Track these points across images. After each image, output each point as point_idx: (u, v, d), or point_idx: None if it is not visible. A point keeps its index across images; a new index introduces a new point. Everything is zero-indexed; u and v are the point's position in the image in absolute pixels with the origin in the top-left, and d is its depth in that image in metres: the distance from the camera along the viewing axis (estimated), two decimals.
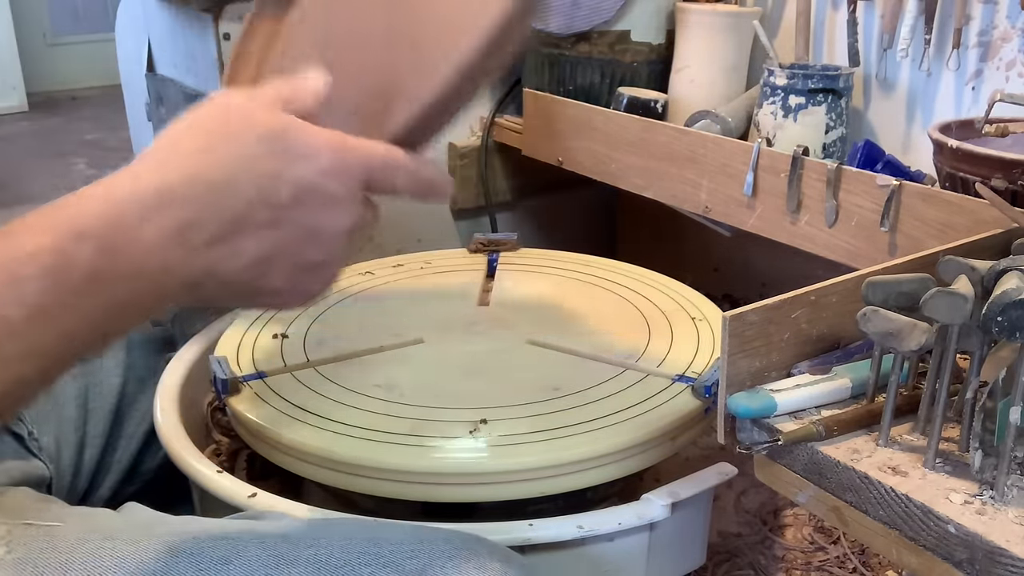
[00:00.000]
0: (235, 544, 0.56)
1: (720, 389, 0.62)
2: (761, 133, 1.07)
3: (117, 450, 0.86)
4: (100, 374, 0.85)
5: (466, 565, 0.57)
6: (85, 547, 0.56)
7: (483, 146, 1.44)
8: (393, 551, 0.57)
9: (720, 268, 1.56)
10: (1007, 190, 0.79)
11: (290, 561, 0.55)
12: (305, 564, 0.55)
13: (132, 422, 0.87)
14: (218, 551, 0.56)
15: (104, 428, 0.84)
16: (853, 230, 0.94)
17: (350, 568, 0.55)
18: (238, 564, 0.55)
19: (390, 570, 0.56)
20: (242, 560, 0.55)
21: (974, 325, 0.54)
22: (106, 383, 0.85)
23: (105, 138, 3.78)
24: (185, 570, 0.54)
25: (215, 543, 0.56)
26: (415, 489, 0.73)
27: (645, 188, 1.17)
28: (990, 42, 1.03)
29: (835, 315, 0.65)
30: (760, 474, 0.63)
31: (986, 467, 0.54)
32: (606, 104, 1.25)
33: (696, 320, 0.97)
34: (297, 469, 0.77)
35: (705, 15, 1.21)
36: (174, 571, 0.54)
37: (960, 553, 0.51)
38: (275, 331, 0.95)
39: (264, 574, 0.54)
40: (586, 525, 0.69)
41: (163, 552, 0.55)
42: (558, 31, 1.27)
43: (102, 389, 0.84)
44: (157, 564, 0.55)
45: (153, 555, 0.55)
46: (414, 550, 0.57)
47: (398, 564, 0.56)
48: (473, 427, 0.77)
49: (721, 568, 1.03)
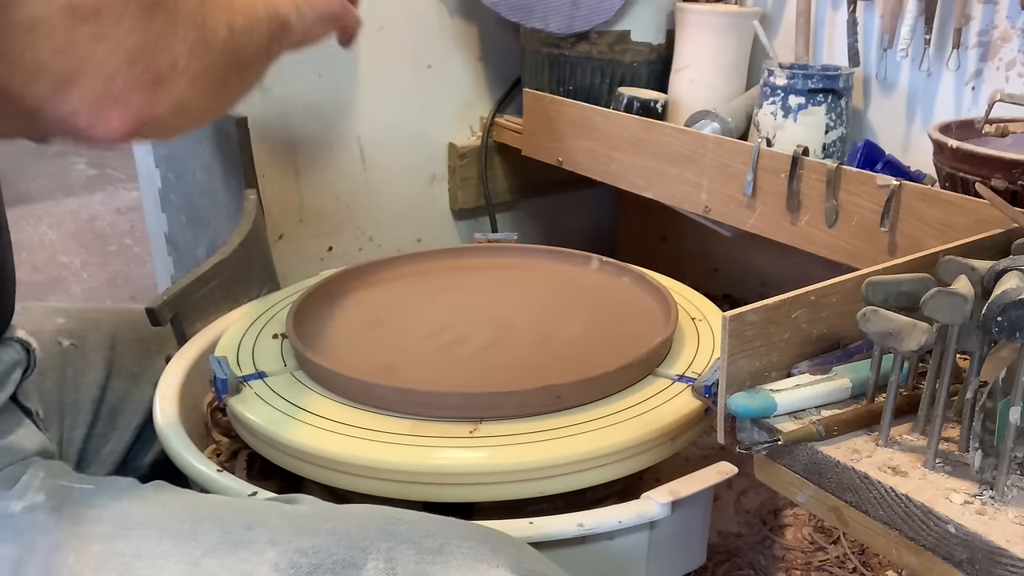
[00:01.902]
0: (258, 514, 0.60)
1: (720, 389, 0.62)
2: (761, 133, 1.07)
3: (110, 442, 0.87)
4: (81, 366, 0.86)
5: (481, 547, 0.58)
6: (116, 504, 0.60)
7: (483, 146, 1.44)
8: (410, 530, 0.59)
9: (720, 268, 1.56)
10: (1007, 190, 0.79)
11: (311, 532, 0.58)
12: (325, 535, 0.58)
13: (124, 415, 0.88)
14: (242, 518, 0.59)
15: (86, 418, 0.85)
16: (853, 230, 0.94)
17: (368, 541, 0.58)
18: (261, 530, 0.58)
19: (408, 546, 0.58)
20: (265, 527, 0.58)
21: (974, 325, 0.54)
22: (88, 375, 0.86)
23: None
24: (210, 530, 0.58)
25: (239, 512, 0.60)
26: (415, 489, 0.73)
27: (645, 188, 1.17)
28: (990, 42, 1.03)
29: (835, 315, 0.65)
30: (760, 474, 0.64)
31: (986, 467, 0.54)
32: (606, 104, 1.25)
33: (696, 320, 0.97)
34: (297, 469, 0.77)
35: (705, 15, 1.21)
36: (200, 531, 0.57)
37: (960, 553, 0.51)
38: (275, 331, 0.95)
39: (286, 540, 0.57)
40: (586, 523, 0.69)
41: (189, 515, 0.59)
42: (558, 31, 1.27)
43: (84, 380, 0.85)
44: (184, 524, 0.58)
45: (180, 516, 0.59)
46: (430, 530, 0.59)
47: (416, 542, 0.58)
48: (473, 427, 0.77)
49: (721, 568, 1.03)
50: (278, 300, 1.02)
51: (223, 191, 1.25)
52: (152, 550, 0.56)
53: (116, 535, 0.57)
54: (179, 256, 1.48)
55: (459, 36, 1.40)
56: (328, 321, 0.96)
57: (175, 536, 0.57)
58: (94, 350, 0.88)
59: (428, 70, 1.39)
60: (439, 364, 0.87)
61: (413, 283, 1.06)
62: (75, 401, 0.85)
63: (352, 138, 1.35)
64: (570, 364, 0.85)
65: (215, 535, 0.57)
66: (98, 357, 0.87)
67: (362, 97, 1.34)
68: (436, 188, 1.46)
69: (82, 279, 2.31)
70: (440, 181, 1.46)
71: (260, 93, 1.24)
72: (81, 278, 2.32)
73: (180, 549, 0.56)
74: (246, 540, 0.57)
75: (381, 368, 0.86)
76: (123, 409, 0.88)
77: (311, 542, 0.57)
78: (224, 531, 0.58)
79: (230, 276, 1.03)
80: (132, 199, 2.88)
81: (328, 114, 1.31)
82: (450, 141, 1.45)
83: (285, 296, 1.03)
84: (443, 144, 1.44)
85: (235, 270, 1.04)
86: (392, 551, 0.57)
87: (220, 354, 0.89)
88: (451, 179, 1.46)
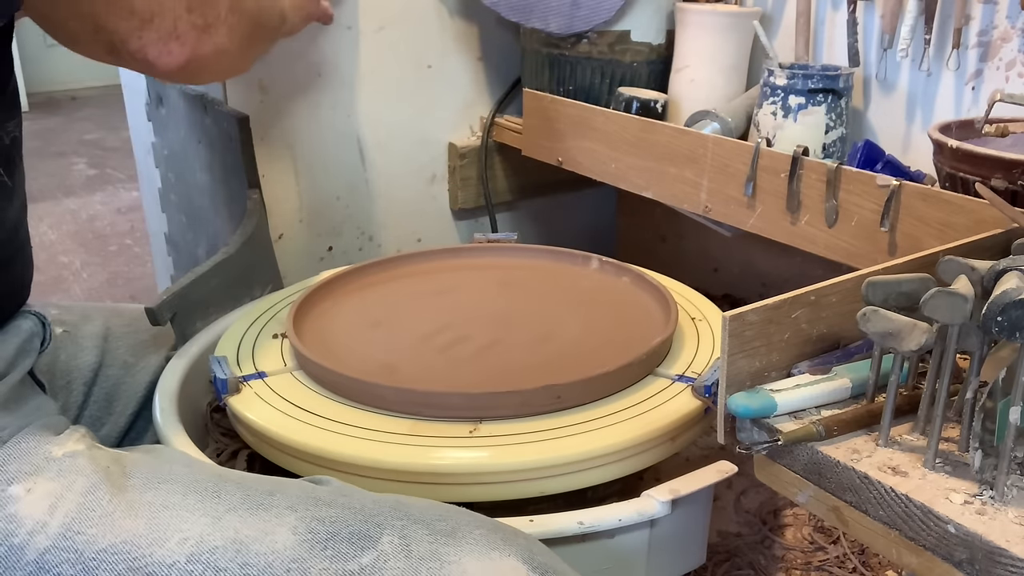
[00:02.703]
0: (278, 483, 0.64)
1: (720, 389, 0.62)
2: (761, 133, 1.07)
3: (105, 426, 0.88)
4: (73, 350, 0.88)
5: (493, 535, 0.61)
6: (146, 461, 0.65)
7: (483, 146, 1.44)
8: (423, 513, 0.62)
9: (720, 268, 1.56)
10: (1007, 190, 0.79)
11: (327, 503, 0.62)
12: (341, 507, 0.61)
13: (119, 402, 0.89)
14: (263, 485, 0.63)
15: (79, 400, 0.87)
16: (853, 230, 0.94)
17: (383, 517, 0.61)
18: (281, 496, 0.62)
19: (421, 526, 0.61)
20: (285, 495, 0.62)
21: (974, 325, 0.54)
22: (80, 358, 0.88)
23: (105, 138, 3.78)
24: (233, 491, 0.62)
25: (259, 480, 0.65)
26: (415, 489, 0.73)
27: (645, 188, 1.17)
28: (990, 42, 1.03)
29: (835, 315, 0.65)
30: (760, 474, 0.64)
31: (986, 467, 0.54)
32: (606, 104, 1.25)
33: (696, 320, 0.97)
34: (297, 469, 0.77)
35: (705, 15, 1.21)
36: (223, 491, 0.62)
37: (960, 553, 0.51)
38: (275, 331, 0.95)
39: (304, 508, 0.61)
40: (587, 521, 0.69)
41: (214, 476, 0.64)
42: (558, 31, 1.27)
43: (77, 363, 0.87)
44: (208, 483, 0.62)
45: (205, 477, 0.63)
46: (442, 515, 0.63)
47: (429, 523, 0.61)
48: (473, 427, 0.77)
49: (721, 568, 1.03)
50: (278, 300, 1.03)
51: (223, 191, 1.25)
52: (179, 503, 0.61)
53: (146, 487, 0.62)
54: (179, 256, 1.48)
55: (459, 36, 1.40)
56: (328, 321, 0.96)
57: (200, 493, 0.62)
58: (87, 338, 0.89)
59: (428, 70, 1.39)
60: (439, 364, 0.87)
61: (413, 283, 1.06)
62: (67, 384, 0.86)
63: (352, 138, 1.35)
64: (570, 364, 0.85)
65: (238, 496, 0.62)
66: (91, 344, 0.89)
67: (362, 97, 1.34)
68: (436, 188, 1.46)
69: (82, 279, 2.31)
70: (440, 181, 1.46)
71: (260, 93, 1.24)
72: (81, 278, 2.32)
73: (205, 504, 0.61)
74: (267, 504, 0.61)
75: (381, 368, 0.86)
76: (117, 396, 0.89)
77: (329, 512, 0.61)
78: (246, 494, 0.62)
79: (232, 276, 1.03)
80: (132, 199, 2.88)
81: (328, 114, 1.31)
82: (450, 141, 1.45)
83: (285, 296, 1.03)
84: (443, 144, 1.44)
85: (238, 270, 1.04)
86: (406, 529, 0.60)
87: (220, 354, 0.89)
88: (451, 179, 1.47)
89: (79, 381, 0.87)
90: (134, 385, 0.90)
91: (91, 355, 0.88)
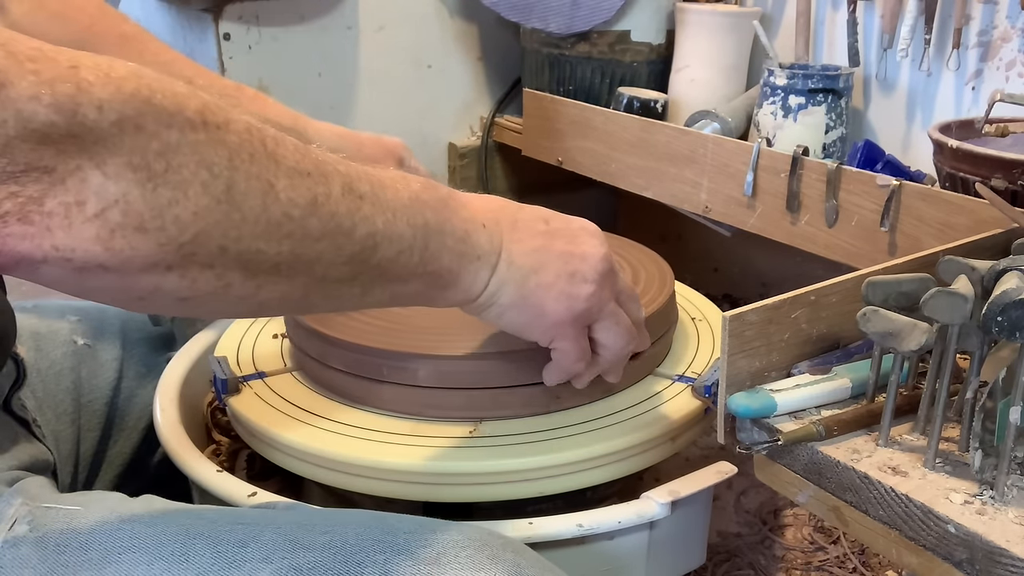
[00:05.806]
0: (251, 528, 0.58)
1: (720, 389, 0.62)
2: (761, 133, 1.07)
3: (117, 443, 0.87)
4: (94, 366, 0.86)
5: (479, 555, 0.57)
6: (104, 528, 0.58)
7: (483, 146, 1.44)
8: (407, 540, 0.58)
9: (720, 268, 1.56)
10: (1007, 190, 0.79)
11: (305, 546, 0.57)
12: (320, 549, 0.57)
13: (131, 416, 0.88)
14: (235, 535, 0.57)
15: (100, 421, 0.85)
16: (853, 230, 0.94)
17: (364, 554, 0.57)
18: (255, 547, 0.56)
19: (404, 557, 0.57)
20: (259, 543, 0.57)
21: (974, 325, 0.54)
22: (101, 376, 0.86)
23: None
24: (203, 551, 0.56)
25: (232, 527, 0.58)
26: (415, 489, 0.73)
27: (645, 188, 1.17)
28: (990, 42, 1.03)
29: (835, 315, 0.65)
30: (760, 474, 0.63)
31: (986, 467, 0.54)
32: (606, 104, 1.25)
33: (696, 320, 0.96)
34: (297, 469, 0.77)
35: (705, 15, 1.21)
36: (192, 552, 0.56)
37: (960, 553, 0.51)
38: (275, 331, 0.95)
39: (280, 557, 0.56)
40: (586, 523, 0.69)
41: (180, 534, 0.57)
42: (558, 31, 1.27)
43: (98, 382, 0.85)
44: (175, 545, 0.56)
45: (171, 537, 0.57)
46: (428, 539, 0.58)
47: (412, 552, 0.57)
48: (472, 427, 0.77)
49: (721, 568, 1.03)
50: None
51: None
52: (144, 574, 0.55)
53: (105, 562, 0.56)
54: None
55: (459, 36, 1.40)
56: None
57: (167, 559, 0.56)
58: (106, 350, 0.88)
59: (428, 70, 1.39)
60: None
61: None
62: (91, 402, 0.85)
63: None
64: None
65: (208, 556, 0.56)
66: (110, 357, 0.88)
67: (362, 97, 1.34)
68: None
69: None
70: (440, 181, 1.46)
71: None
72: None
73: (172, 571, 0.55)
74: (239, 559, 0.56)
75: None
76: (130, 410, 0.88)
77: (306, 557, 0.56)
78: (217, 551, 0.56)
79: None
80: None
81: (328, 114, 1.31)
82: (450, 141, 1.45)
83: None
84: (443, 144, 1.45)
85: None
86: (388, 564, 0.56)
87: (220, 354, 0.89)
88: (451, 179, 1.47)
89: (101, 401, 0.86)
90: (146, 397, 0.89)
91: (111, 371, 0.87)
